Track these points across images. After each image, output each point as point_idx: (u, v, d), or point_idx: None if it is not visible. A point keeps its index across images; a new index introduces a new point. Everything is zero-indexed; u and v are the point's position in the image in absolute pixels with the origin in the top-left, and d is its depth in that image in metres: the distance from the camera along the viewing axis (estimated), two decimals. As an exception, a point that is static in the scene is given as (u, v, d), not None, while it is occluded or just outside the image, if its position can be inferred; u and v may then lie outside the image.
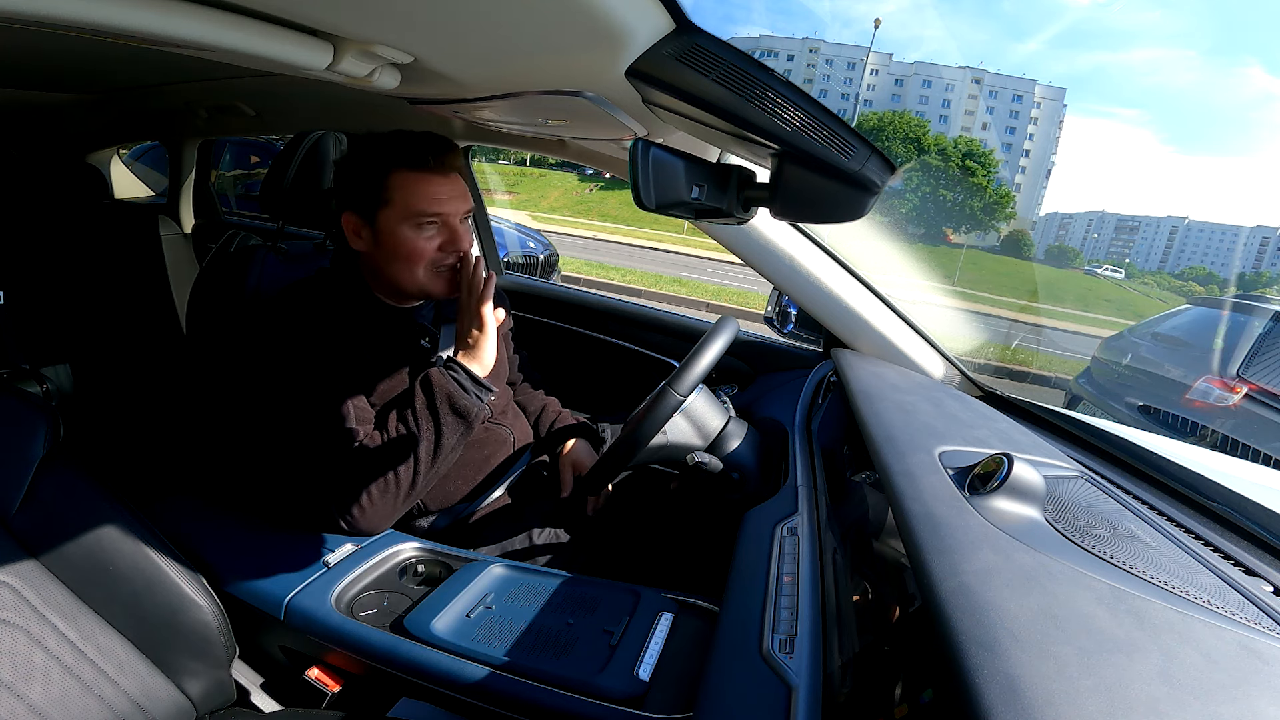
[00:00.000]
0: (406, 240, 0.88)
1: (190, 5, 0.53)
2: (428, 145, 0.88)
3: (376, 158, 0.88)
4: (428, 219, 0.88)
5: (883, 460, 0.65)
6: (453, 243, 0.90)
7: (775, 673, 0.54)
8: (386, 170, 0.87)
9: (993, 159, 42.84)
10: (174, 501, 0.98)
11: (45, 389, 1.73)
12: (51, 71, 1.41)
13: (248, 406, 1.03)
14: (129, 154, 3.19)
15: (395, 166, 0.87)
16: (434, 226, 0.89)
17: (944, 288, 15.11)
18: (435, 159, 0.88)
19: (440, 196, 0.88)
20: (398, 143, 0.88)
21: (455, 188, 0.90)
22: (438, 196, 0.88)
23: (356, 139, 0.94)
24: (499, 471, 1.08)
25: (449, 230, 0.90)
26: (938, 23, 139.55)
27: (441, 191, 0.88)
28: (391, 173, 0.87)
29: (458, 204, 0.90)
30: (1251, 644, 0.40)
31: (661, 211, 0.59)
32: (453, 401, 0.84)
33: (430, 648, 0.73)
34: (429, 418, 0.84)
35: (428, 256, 0.89)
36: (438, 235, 0.89)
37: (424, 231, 0.88)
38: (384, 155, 0.88)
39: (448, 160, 0.89)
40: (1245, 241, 76.06)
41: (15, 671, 0.62)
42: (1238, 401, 2.61)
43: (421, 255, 0.89)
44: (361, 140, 0.91)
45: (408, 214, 0.87)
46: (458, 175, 0.91)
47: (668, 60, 0.54)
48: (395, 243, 0.88)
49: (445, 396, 0.84)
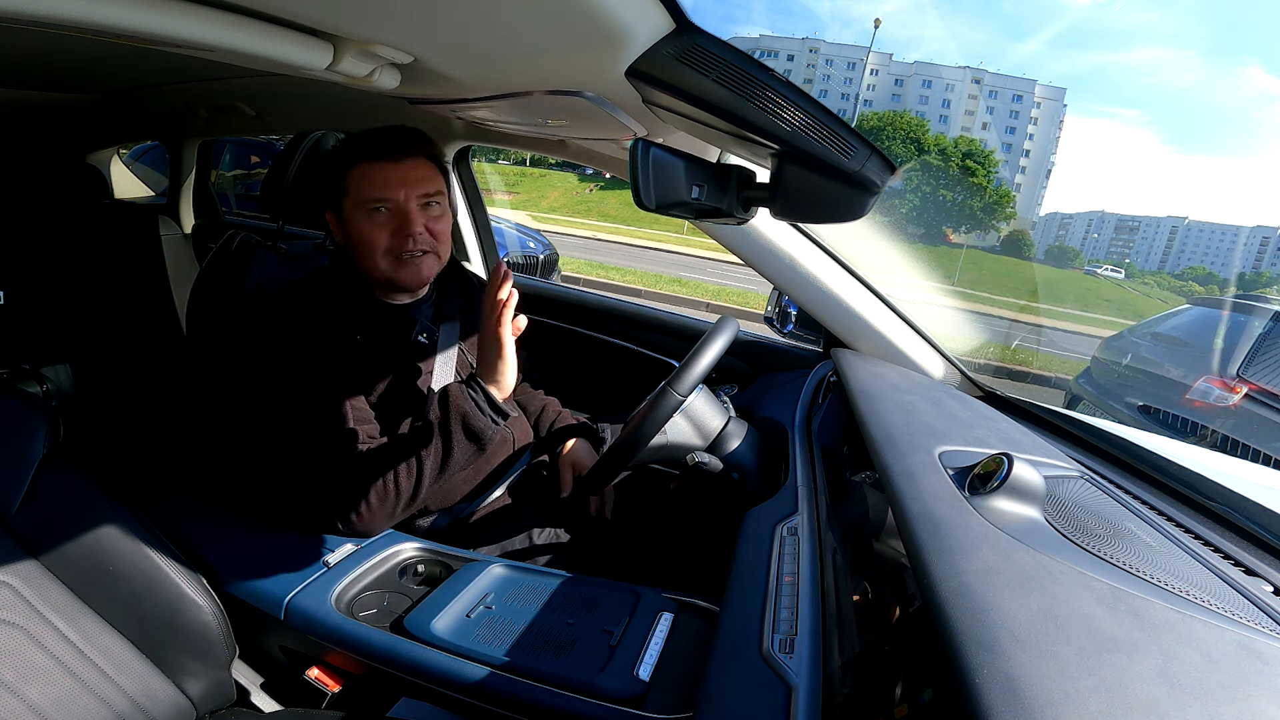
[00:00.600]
0: (360, 227, 0.90)
1: (190, 5, 0.53)
2: (382, 135, 0.91)
3: (340, 154, 0.93)
4: (374, 204, 0.89)
5: (883, 460, 0.65)
6: (403, 227, 0.90)
7: (775, 673, 0.54)
8: (347, 165, 0.91)
9: (993, 159, 42.84)
10: (174, 501, 0.98)
11: (45, 389, 1.73)
12: (51, 71, 1.41)
13: (248, 406, 1.03)
14: (129, 154, 3.19)
15: (354, 160, 0.91)
16: (383, 212, 0.90)
17: (944, 288, 15.12)
18: (388, 147, 0.89)
19: (389, 181, 0.89)
20: (358, 138, 0.92)
21: (410, 173, 0.90)
22: (386, 181, 0.89)
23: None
24: (499, 471, 1.08)
25: (400, 214, 0.90)
26: (938, 23, 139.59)
27: (391, 176, 0.89)
28: (351, 167, 0.91)
29: (411, 188, 0.90)
30: (1251, 644, 0.40)
31: (661, 211, 0.59)
32: (467, 422, 0.83)
33: (430, 648, 0.73)
34: (441, 433, 0.83)
35: (383, 243, 0.90)
36: (389, 220, 0.90)
37: (374, 218, 0.90)
38: (345, 151, 0.93)
39: (402, 147, 0.90)
40: (1245, 241, 76.07)
41: (15, 671, 0.62)
42: (1238, 401, 2.61)
43: (375, 241, 0.90)
44: (337, 143, 0.95)
45: (359, 201, 0.90)
46: (418, 161, 0.92)
47: (668, 60, 0.54)
48: (354, 232, 0.91)
49: (460, 415, 0.82)
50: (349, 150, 0.92)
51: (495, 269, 0.80)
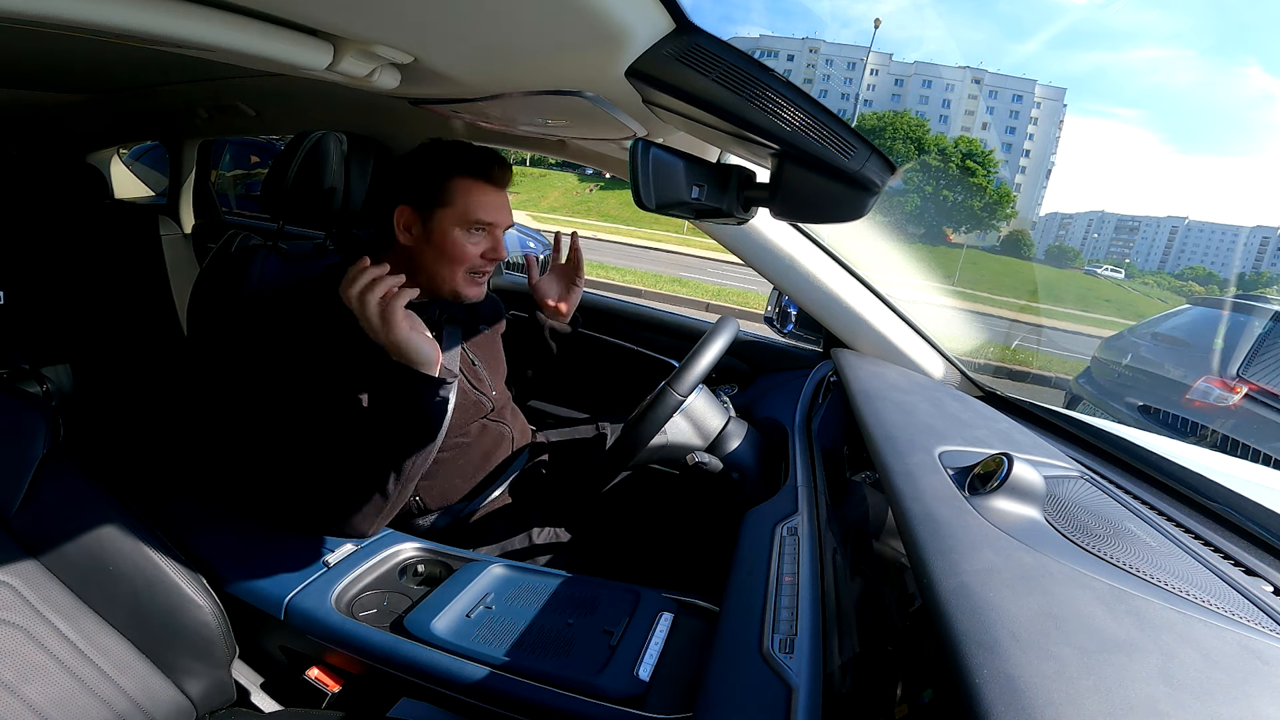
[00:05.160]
0: (456, 242, 0.93)
1: (190, 5, 0.53)
2: (491, 158, 0.95)
3: (443, 160, 0.94)
4: (479, 226, 0.94)
5: (883, 460, 0.65)
6: (494, 251, 0.96)
7: (775, 673, 0.54)
8: (450, 174, 0.93)
9: (993, 159, 42.84)
10: (174, 501, 0.98)
11: (45, 389, 1.73)
12: (51, 71, 1.41)
13: (250, 404, 1.03)
14: (129, 154, 3.19)
15: (459, 172, 0.93)
16: (482, 234, 0.95)
17: (944, 288, 15.10)
18: (499, 173, 0.95)
19: (496, 206, 0.95)
20: (464, 151, 0.94)
21: (505, 202, 0.97)
22: (495, 206, 0.94)
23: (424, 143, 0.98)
24: (499, 470, 1.08)
25: (493, 240, 0.96)
26: (937, 23, 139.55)
27: (498, 202, 0.95)
28: (455, 177, 0.93)
29: (506, 217, 0.97)
30: (1251, 644, 0.40)
31: (661, 211, 0.59)
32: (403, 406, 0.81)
33: (430, 648, 0.73)
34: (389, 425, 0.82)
35: (470, 260, 0.94)
36: (484, 242, 0.95)
37: (473, 237, 0.94)
38: (450, 159, 0.94)
39: (505, 176, 0.96)
40: (1245, 241, 76.04)
41: (15, 671, 0.62)
42: (1238, 401, 2.61)
43: (467, 257, 0.94)
44: (429, 143, 0.97)
45: (464, 216, 0.92)
46: (505, 192, 0.98)
47: (668, 60, 0.53)
48: (446, 242, 0.93)
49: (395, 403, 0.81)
50: (458, 161, 0.93)
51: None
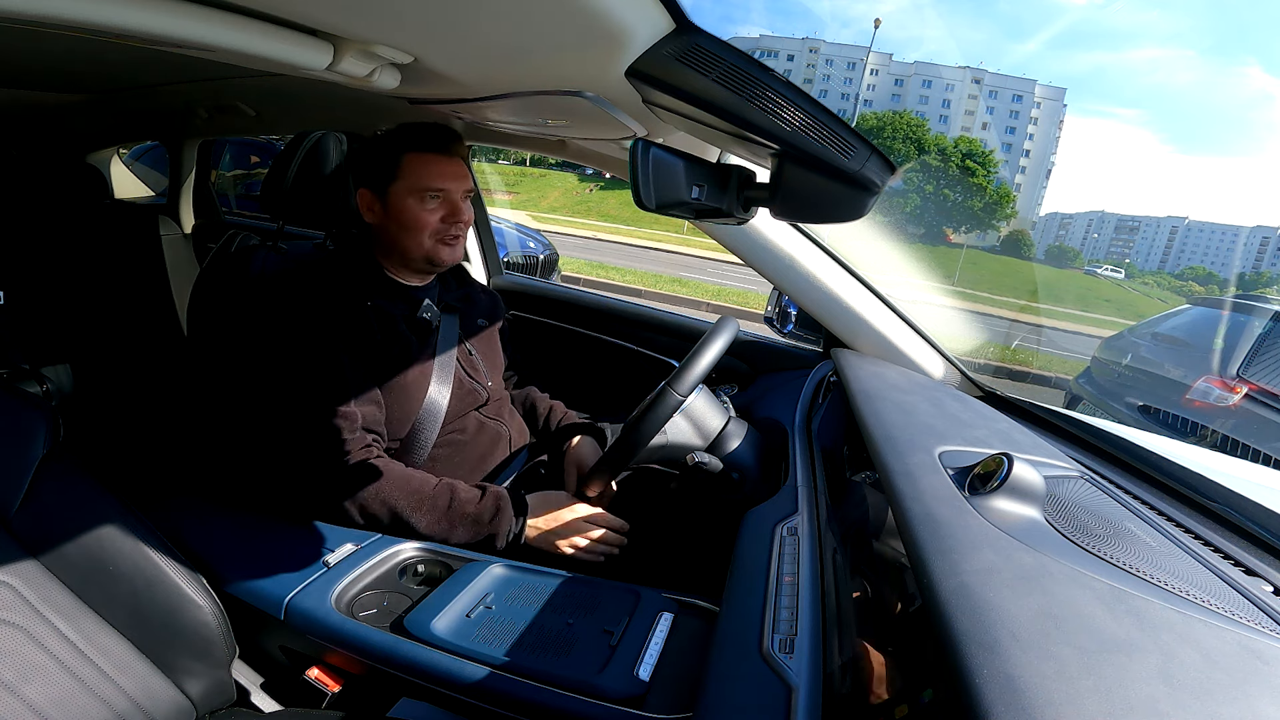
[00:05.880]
0: (412, 210, 0.99)
1: (190, 5, 0.53)
2: (435, 131, 1.01)
3: (392, 140, 1.00)
4: (431, 191, 0.99)
5: (883, 460, 0.65)
6: (453, 215, 1.01)
7: (775, 673, 0.54)
8: (400, 151, 0.99)
9: (993, 159, 42.84)
10: (174, 501, 0.98)
11: (45, 389, 1.73)
12: (51, 71, 1.41)
13: (252, 394, 1.05)
14: (129, 154, 3.19)
15: (408, 148, 0.99)
16: (437, 200, 1.00)
17: (944, 288, 15.11)
18: (441, 143, 1.00)
19: (444, 173, 1.00)
20: (411, 128, 1.01)
21: (458, 169, 1.02)
22: (442, 173, 1.00)
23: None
24: (498, 470, 1.08)
25: (450, 204, 1.01)
26: (937, 23, 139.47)
27: (446, 169, 1.00)
28: (404, 153, 0.99)
29: (459, 183, 1.02)
30: (1251, 644, 0.39)
31: (661, 211, 0.59)
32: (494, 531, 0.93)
33: (430, 648, 0.73)
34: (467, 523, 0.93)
35: (431, 225, 1.00)
36: (440, 208, 1.01)
37: (428, 204, 1.00)
38: (398, 138, 1.00)
39: (452, 146, 1.02)
40: (1245, 241, 76.02)
41: (15, 671, 0.62)
42: (1238, 401, 2.61)
43: (426, 225, 1.00)
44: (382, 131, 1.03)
45: (415, 186, 0.99)
46: (460, 159, 1.03)
47: (668, 60, 0.53)
48: (404, 214, 1.00)
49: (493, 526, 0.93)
50: (405, 138, 1.00)
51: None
